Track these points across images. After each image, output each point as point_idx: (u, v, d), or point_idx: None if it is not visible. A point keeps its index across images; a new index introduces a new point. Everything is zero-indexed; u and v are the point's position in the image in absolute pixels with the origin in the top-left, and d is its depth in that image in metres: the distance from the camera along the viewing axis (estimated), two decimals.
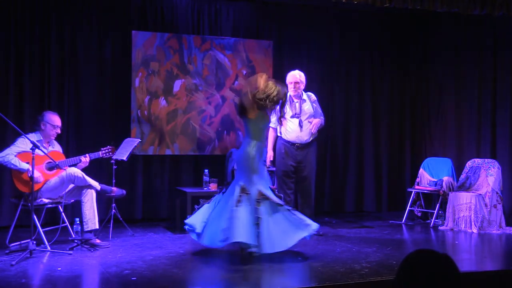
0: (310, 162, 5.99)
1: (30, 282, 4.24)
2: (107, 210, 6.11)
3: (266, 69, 7.32)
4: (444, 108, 7.89)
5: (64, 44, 6.59)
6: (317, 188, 6.71)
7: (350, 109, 7.92)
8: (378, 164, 8.04)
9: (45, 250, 5.02)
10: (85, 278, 4.46)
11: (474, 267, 4.91)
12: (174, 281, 4.18)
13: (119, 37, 6.84)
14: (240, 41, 7.26)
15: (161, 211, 7.05)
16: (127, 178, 6.79)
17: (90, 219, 5.29)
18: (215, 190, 6.48)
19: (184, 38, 7.01)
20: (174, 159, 7.11)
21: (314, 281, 4.16)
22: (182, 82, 7.00)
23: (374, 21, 7.96)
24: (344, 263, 4.70)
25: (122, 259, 4.83)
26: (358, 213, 7.84)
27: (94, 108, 6.74)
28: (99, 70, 6.78)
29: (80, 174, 5.29)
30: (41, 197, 5.29)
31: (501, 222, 6.41)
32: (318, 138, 7.27)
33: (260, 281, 4.25)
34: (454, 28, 7.71)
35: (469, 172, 6.80)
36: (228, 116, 7.20)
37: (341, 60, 7.88)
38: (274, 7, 7.52)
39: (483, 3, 6.04)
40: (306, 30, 7.67)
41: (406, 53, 8.19)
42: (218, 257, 4.98)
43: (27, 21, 6.43)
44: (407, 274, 1.78)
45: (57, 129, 5.46)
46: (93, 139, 6.56)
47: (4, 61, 6.36)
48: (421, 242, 5.99)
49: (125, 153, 5.86)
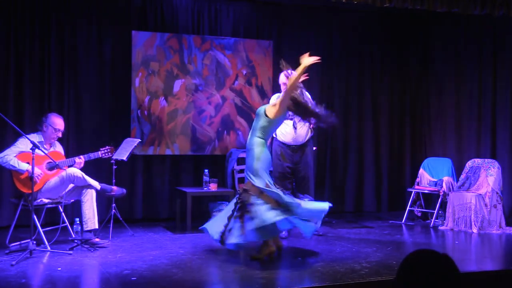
0: (307, 162, 5.95)
1: (30, 282, 4.24)
2: (107, 210, 6.11)
3: (266, 69, 7.33)
4: (444, 108, 7.89)
5: (64, 44, 6.59)
6: (317, 188, 6.71)
7: (350, 109, 7.92)
8: (378, 164, 8.04)
9: (45, 250, 5.02)
10: (85, 278, 4.46)
11: (474, 267, 4.91)
12: (174, 281, 4.18)
13: (119, 37, 6.84)
14: (240, 41, 7.26)
15: (161, 211, 7.05)
16: (127, 178, 6.79)
17: (89, 219, 5.29)
18: (215, 190, 6.49)
19: (184, 38, 7.00)
20: (174, 159, 7.11)
21: (314, 281, 4.16)
22: (182, 82, 7.00)
23: (374, 21, 7.96)
24: (344, 263, 4.70)
25: (122, 259, 4.83)
26: (358, 213, 7.84)
27: (94, 108, 6.75)
28: (99, 70, 6.78)
29: (80, 174, 5.29)
30: (41, 197, 5.29)
31: (501, 222, 6.41)
32: (318, 138, 7.26)
33: (260, 281, 4.24)
34: (454, 28, 7.71)
35: (469, 172, 6.80)
36: (228, 116, 7.20)
37: (341, 60, 7.88)
38: (274, 7, 7.52)
39: (483, 3, 6.04)
40: (306, 30, 7.66)
41: (406, 53, 8.19)
42: (218, 257, 4.99)
43: (27, 21, 6.43)
44: (407, 274, 1.78)
45: (58, 132, 5.45)
46: (93, 139, 6.57)
47: (4, 61, 6.35)
48: (421, 242, 5.98)
49: (125, 153, 5.85)
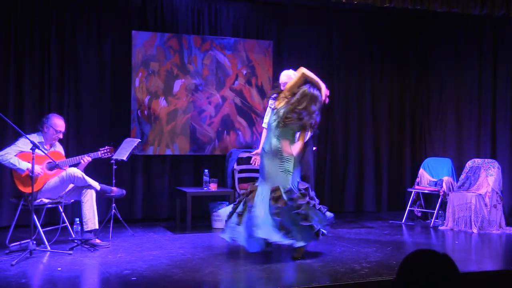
0: (308, 161, 5.95)
1: (30, 282, 4.24)
2: (107, 210, 6.11)
3: (266, 69, 7.33)
4: (444, 108, 7.89)
5: (64, 44, 6.59)
6: (317, 188, 6.70)
7: (350, 109, 7.92)
8: (378, 164, 8.04)
9: (45, 250, 5.02)
10: (85, 278, 4.46)
11: (474, 267, 4.91)
12: (174, 281, 4.18)
13: (119, 37, 6.84)
14: (240, 41, 7.26)
15: (161, 211, 7.05)
16: (127, 178, 6.79)
17: (89, 219, 5.29)
18: (215, 190, 6.49)
19: (184, 38, 7.00)
20: (174, 159, 7.11)
21: (314, 281, 4.16)
22: (182, 82, 7.00)
23: (374, 21, 7.96)
24: (344, 263, 4.71)
25: (122, 259, 4.84)
26: (358, 213, 7.83)
27: (94, 108, 6.74)
28: (99, 70, 6.78)
29: (80, 174, 5.29)
30: (41, 197, 5.29)
31: (501, 222, 6.41)
32: (318, 138, 7.26)
33: (260, 281, 4.24)
34: (454, 28, 7.71)
35: (469, 172, 6.80)
36: (228, 116, 7.19)
37: (341, 60, 7.88)
38: (274, 7, 7.52)
39: (483, 3, 6.04)
40: (306, 30, 7.67)
41: (406, 53, 8.19)
42: (218, 257, 4.99)
43: (27, 21, 6.43)
44: (407, 274, 1.78)
45: (59, 134, 5.45)
46: (93, 139, 6.57)
47: (4, 61, 6.35)
48: (421, 242, 5.98)
49: (125, 153, 5.85)
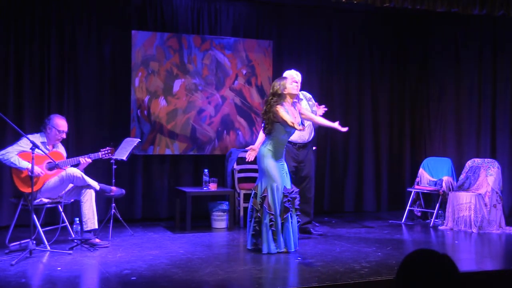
0: (310, 161, 6.01)
1: (30, 282, 4.25)
2: (107, 209, 6.11)
3: (266, 69, 7.33)
4: (444, 108, 7.89)
5: (64, 44, 6.59)
6: (317, 188, 6.71)
7: (350, 109, 7.92)
8: (378, 163, 8.03)
9: (45, 250, 5.02)
10: (85, 278, 4.46)
11: (474, 267, 4.91)
12: (173, 281, 4.18)
13: (119, 37, 6.83)
14: (240, 41, 7.25)
15: (161, 211, 7.04)
16: (127, 178, 6.79)
17: (89, 219, 5.30)
18: (215, 190, 6.49)
19: (184, 38, 7.00)
20: (174, 159, 7.11)
21: (314, 281, 4.16)
22: (182, 82, 7.00)
23: (374, 21, 7.96)
24: (344, 263, 4.71)
25: (122, 259, 4.84)
26: (358, 213, 7.83)
27: (94, 108, 6.74)
28: (99, 70, 6.77)
29: (79, 174, 5.29)
30: (41, 197, 5.29)
31: (500, 222, 6.41)
32: (318, 138, 7.27)
33: (260, 281, 4.24)
34: (454, 28, 7.71)
35: (469, 172, 6.80)
36: (228, 116, 7.19)
37: (341, 60, 7.88)
38: (274, 7, 7.52)
39: (483, 3, 6.03)
40: (306, 30, 7.66)
41: (406, 53, 8.19)
42: (217, 257, 5.00)
43: (27, 21, 6.42)
44: (407, 274, 1.78)
45: (62, 134, 5.46)
46: (93, 139, 6.57)
47: (4, 61, 6.35)
48: (421, 242, 5.99)
49: (125, 153, 5.86)
